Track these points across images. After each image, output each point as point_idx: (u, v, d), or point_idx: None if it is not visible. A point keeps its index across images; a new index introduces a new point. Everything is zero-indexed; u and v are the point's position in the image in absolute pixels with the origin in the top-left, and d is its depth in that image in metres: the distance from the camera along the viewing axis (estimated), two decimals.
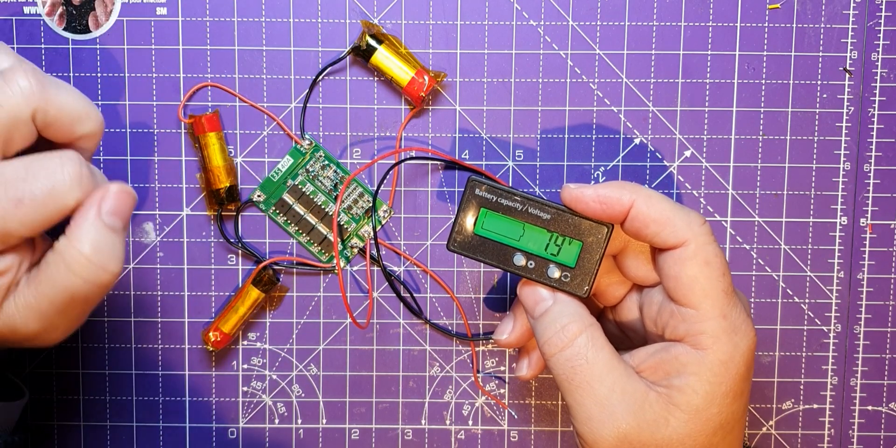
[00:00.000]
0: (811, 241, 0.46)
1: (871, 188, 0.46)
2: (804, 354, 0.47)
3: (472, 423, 0.47)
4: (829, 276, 0.46)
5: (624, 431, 0.34)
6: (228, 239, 0.45)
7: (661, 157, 0.46)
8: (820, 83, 0.45)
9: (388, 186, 0.46)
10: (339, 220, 0.45)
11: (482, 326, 0.47)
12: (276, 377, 0.47)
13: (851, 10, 0.45)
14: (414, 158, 0.45)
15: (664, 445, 0.34)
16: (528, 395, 0.47)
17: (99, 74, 0.45)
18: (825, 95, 0.45)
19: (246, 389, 0.47)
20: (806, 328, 0.47)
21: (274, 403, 0.47)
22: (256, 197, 0.45)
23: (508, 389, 0.47)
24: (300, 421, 0.47)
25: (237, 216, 0.45)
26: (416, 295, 0.46)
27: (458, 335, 0.46)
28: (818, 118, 0.46)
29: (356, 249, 0.46)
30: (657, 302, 0.37)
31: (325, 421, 0.47)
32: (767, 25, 0.45)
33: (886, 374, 0.47)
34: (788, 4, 0.45)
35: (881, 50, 0.45)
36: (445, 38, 0.45)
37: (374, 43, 0.43)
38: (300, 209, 0.45)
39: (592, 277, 0.36)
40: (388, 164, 0.45)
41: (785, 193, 0.46)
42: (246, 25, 0.45)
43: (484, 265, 0.45)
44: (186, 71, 0.45)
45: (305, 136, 0.45)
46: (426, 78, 0.43)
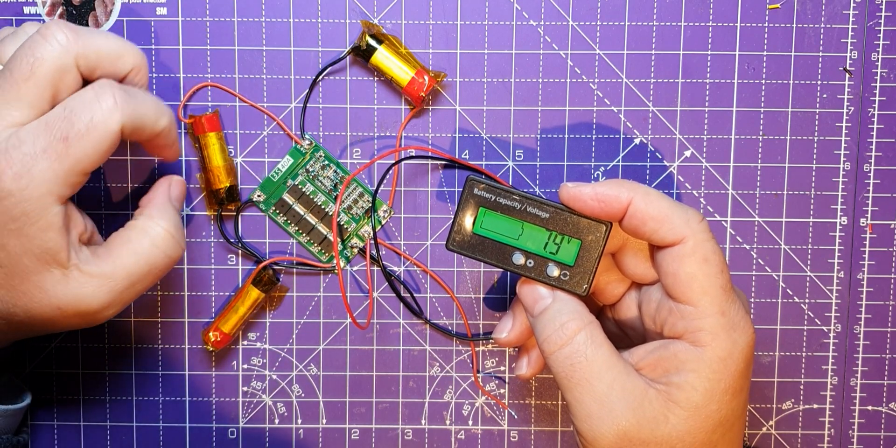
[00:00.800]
0: (811, 241, 0.46)
1: (871, 188, 0.46)
2: (804, 354, 0.47)
3: (472, 423, 0.47)
4: (829, 276, 0.46)
5: (623, 428, 0.34)
6: (228, 239, 0.45)
7: (661, 157, 0.46)
8: (820, 83, 0.45)
9: (387, 186, 0.46)
10: (338, 220, 0.45)
11: (482, 326, 0.47)
12: (276, 377, 0.47)
13: (851, 10, 0.45)
14: (414, 157, 0.45)
15: (664, 442, 0.34)
16: (528, 395, 0.47)
17: None
18: (825, 95, 0.45)
19: (246, 389, 0.47)
20: (806, 328, 0.46)
21: (274, 403, 0.47)
22: (256, 197, 0.45)
23: (508, 389, 0.47)
24: (300, 421, 0.47)
25: (237, 216, 0.45)
26: (416, 295, 0.46)
27: (458, 335, 0.46)
28: (818, 118, 0.46)
29: (356, 249, 0.46)
30: (656, 299, 0.37)
31: (325, 421, 0.47)
32: (767, 25, 0.45)
33: (886, 374, 0.47)
34: (788, 4, 0.45)
35: (881, 50, 0.45)
36: (445, 38, 0.45)
37: (374, 43, 0.43)
38: (300, 209, 0.46)
39: (591, 275, 0.36)
40: (387, 164, 0.45)
41: (785, 193, 0.46)
42: (246, 25, 0.45)
43: (483, 264, 0.45)
44: (186, 71, 0.45)
45: (305, 136, 0.45)
46: (426, 78, 0.43)
